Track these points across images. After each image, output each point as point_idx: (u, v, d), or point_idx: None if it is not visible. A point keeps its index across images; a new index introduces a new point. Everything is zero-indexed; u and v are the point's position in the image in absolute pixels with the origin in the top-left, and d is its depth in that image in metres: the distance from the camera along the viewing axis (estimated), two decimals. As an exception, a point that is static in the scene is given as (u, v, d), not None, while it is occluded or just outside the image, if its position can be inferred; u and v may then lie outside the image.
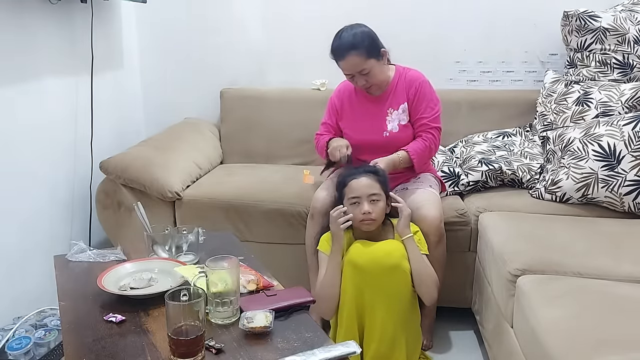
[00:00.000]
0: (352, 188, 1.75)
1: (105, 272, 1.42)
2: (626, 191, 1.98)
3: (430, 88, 2.06)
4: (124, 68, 2.88)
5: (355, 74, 1.95)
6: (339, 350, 1.15)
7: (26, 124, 2.08)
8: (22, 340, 1.77)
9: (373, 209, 1.72)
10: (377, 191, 1.74)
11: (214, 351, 1.15)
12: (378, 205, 1.73)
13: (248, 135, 2.83)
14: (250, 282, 1.40)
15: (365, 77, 1.96)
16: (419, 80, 2.04)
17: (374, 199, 1.73)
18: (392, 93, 2.05)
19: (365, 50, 1.91)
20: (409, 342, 1.76)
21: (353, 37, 1.92)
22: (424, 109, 2.02)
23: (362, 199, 1.73)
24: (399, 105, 2.04)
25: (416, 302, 1.80)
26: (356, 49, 1.90)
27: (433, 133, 2.02)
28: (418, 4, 2.77)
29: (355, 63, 1.92)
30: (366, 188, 1.73)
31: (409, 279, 1.71)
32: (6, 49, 1.95)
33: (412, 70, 2.09)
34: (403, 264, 1.69)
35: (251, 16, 2.90)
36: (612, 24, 2.39)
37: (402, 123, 2.04)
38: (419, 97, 2.02)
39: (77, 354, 1.15)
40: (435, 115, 2.03)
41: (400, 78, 2.06)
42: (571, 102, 2.37)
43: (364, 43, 1.91)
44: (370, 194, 1.73)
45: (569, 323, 1.30)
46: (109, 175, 2.31)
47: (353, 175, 1.78)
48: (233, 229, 2.22)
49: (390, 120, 2.04)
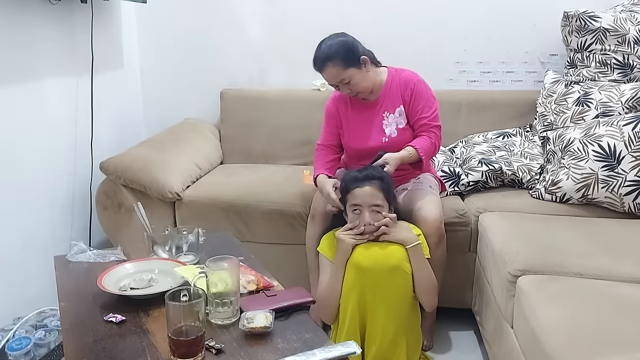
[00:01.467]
0: (355, 196, 1.73)
1: (106, 273, 1.42)
2: (626, 191, 1.98)
3: (426, 87, 2.04)
4: (124, 68, 2.88)
5: (338, 83, 1.96)
6: (339, 350, 1.15)
7: (26, 124, 2.08)
8: (22, 341, 1.77)
9: (374, 218, 1.71)
10: (380, 202, 1.72)
11: (214, 351, 1.15)
12: (379, 215, 1.72)
13: (248, 136, 2.83)
14: (250, 282, 1.40)
15: (348, 86, 1.96)
16: (414, 81, 2.02)
17: (375, 209, 1.71)
18: (386, 96, 2.04)
19: (342, 61, 1.91)
20: (409, 342, 1.76)
21: (329, 48, 1.92)
22: (422, 108, 2.01)
23: (363, 208, 1.71)
24: (395, 108, 2.03)
25: (417, 303, 1.80)
26: (332, 60, 1.91)
27: (435, 132, 2.01)
28: (418, 4, 2.77)
29: (334, 74, 1.93)
30: (369, 197, 1.71)
31: (409, 280, 1.71)
32: (6, 49, 1.95)
33: (405, 71, 2.07)
34: (404, 265, 1.69)
35: (251, 16, 2.90)
36: (612, 24, 2.39)
37: (399, 127, 2.03)
38: (416, 97, 2.01)
39: (77, 355, 1.15)
40: (434, 114, 2.02)
41: (394, 80, 2.04)
42: (571, 103, 2.37)
43: (339, 54, 1.91)
44: (372, 204, 1.71)
45: (569, 323, 1.30)
46: (109, 176, 2.31)
47: (357, 182, 1.74)
48: (233, 230, 2.22)
49: (387, 124, 2.03)
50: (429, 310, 1.81)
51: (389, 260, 1.68)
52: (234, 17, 2.91)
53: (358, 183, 1.73)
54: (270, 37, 2.92)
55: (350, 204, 1.75)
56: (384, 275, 1.68)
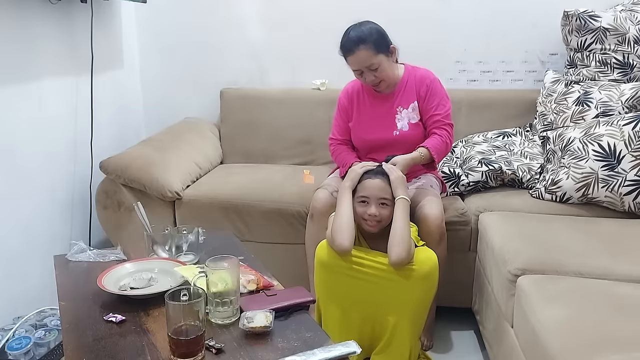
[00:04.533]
0: (364, 187, 1.74)
1: (105, 272, 1.42)
2: (626, 191, 1.98)
3: (441, 86, 2.06)
4: (124, 68, 2.88)
5: (364, 69, 1.95)
6: (339, 350, 1.15)
7: (26, 124, 2.08)
8: (22, 340, 1.77)
9: (380, 212, 1.71)
10: (388, 196, 1.72)
11: (214, 351, 1.15)
12: (386, 210, 1.72)
13: (248, 135, 2.83)
14: (250, 282, 1.40)
15: (374, 73, 1.95)
16: (430, 79, 2.05)
17: (383, 202, 1.72)
18: (401, 91, 2.05)
19: (374, 45, 1.91)
20: (412, 342, 1.76)
21: (362, 32, 1.92)
22: (437, 106, 2.02)
23: (371, 200, 1.72)
24: (409, 104, 2.04)
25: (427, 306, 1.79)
26: (365, 43, 1.90)
27: (447, 129, 2.01)
28: (418, 4, 2.77)
29: (364, 58, 1.92)
30: (378, 191, 1.72)
31: (416, 281, 1.69)
32: (6, 49, 1.95)
33: (421, 69, 2.09)
34: (406, 267, 1.68)
35: (251, 16, 2.90)
36: (612, 23, 2.39)
37: (412, 122, 2.04)
38: (431, 94, 2.02)
39: (77, 354, 1.15)
40: (447, 113, 2.03)
41: (410, 77, 2.06)
42: (571, 102, 2.37)
43: (372, 37, 1.91)
44: (380, 198, 1.72)
45: (569, 323, 1.30)
46: (109, 175, 2.31)
47: (369, 173, 1.76)
48: (233, 229, 2.22)
49: (399, 118, 2.04)
50: (394, 257, 1.65)
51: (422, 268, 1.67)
52: (234, 17, 2.91)
53: (370, 175, 1.75)
54: (270, 37, 2.91)
55: (359, 194, 1.75)
56: (390, 280, 1.67)
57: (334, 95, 2.23)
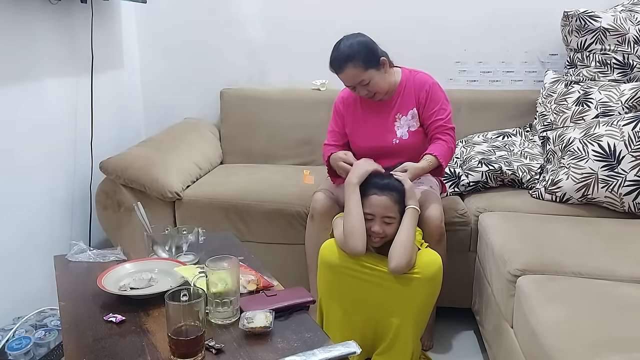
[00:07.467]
0: (371, 203, 1.71)
1: (105, 272, 1.42)
2: (626, 191, 1.98)
3: (440, 89, 2.02)
4: (124, 68, 2.88)
5: (356, 85, 1.92)
6: (339, 350, 1.15)
7: (26, 124, 2.07)
8: (22, 341, 1.77)
9: (384, 230, 1.70)
10: (393, 214, 1.71)
11: (214, 351, 1.15)
12: (390, 227, 1.71)
13: (248, 135, 2.83)
14: (250, 282, 1.40)
15: (366, 87, 1.92)
16: (429, 83, 2.00)
17: (387, 221, 1.71)
18: (399, 98, 2.01)
19: (363, 61, 1.87)
20: (414, 344, 1.76)
21: (349, 48, 1.87)
22: (437, 111, 1.98)
23: (376, 218, 1.71)
24: (408, 110, 2.00)
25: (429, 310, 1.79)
26: (352, 60, 1.86)
27: (450, 134, 1.98)
28: (418, 3, 2.77)
29: (353, 75, 1.89)
30: (383, 209, 1.70)
31: (420, 284, 1.69)
32: (6, 49, 1.95)
33: (420, 73, 2.04)
34: (411, 271, 1.68)
35: (251, 16, 2.90)
36: (612, 24, 2.39)
37: (411, 129, 2.00)
38: (430, 100, 1.98)
39: (77, 354, 1.15)
40: (449, 117, 1.99)
41: (408, 82, 2.01)
42: (571, 102, 2.37)
43: (360, 54, 1.87)
44: (385, 216, 1.70)
45: (569, 323, 1.30)
46: (109, 176, 2.31)
47: (376, 188, 1.72)
48: (233, 229, 2.22)
49: (399, 126, 2.00)
50: (394, 266, 1.66)
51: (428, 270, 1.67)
52: (234, 16, 2.91)
53: (377, 190, 1.71)
54: (270, 37, 2.92)
55: (364, 210, 1.72)
56: (394, 283, 1.67)
57: (333, 96, 2.22)
